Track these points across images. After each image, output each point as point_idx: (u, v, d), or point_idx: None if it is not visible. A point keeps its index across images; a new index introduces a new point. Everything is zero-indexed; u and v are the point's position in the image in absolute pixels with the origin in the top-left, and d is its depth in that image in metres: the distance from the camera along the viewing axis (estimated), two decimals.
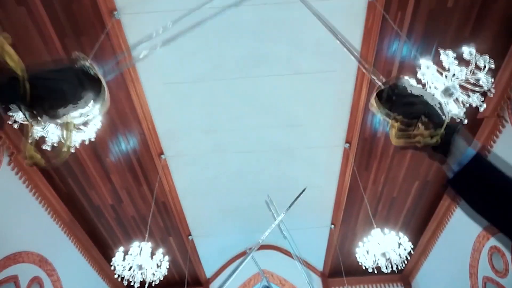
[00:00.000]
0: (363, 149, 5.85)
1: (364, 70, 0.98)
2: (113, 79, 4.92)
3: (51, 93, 0.65)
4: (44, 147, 2.97)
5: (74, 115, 0.72)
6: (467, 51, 2.80)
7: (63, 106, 0.67)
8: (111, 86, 4.98)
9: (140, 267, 4.86)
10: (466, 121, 2.92)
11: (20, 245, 5.46)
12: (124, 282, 5.21)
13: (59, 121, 0.67)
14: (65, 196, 6.21)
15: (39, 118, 0.64)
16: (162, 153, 5.92)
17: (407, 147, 0.79)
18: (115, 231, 7.00)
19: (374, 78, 0.91)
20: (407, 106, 0.78)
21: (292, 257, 9.03)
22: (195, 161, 6.07)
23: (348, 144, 5.91)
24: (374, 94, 0.80)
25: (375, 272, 5.23)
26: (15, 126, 2.92)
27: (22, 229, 5.52)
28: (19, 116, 3.04)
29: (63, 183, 6.00)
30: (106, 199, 6.47)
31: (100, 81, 0.71)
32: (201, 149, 5.99)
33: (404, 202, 6.83)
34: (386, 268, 4.89)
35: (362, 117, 5.36)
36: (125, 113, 5.29)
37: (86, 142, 3.23)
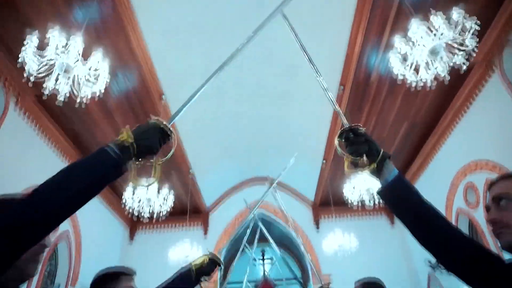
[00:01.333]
0: (357, 92, 6.09)
1: (338, 112, 1.22)
2: (112, 25, 4.94)
3: (147, 149, 1.04)
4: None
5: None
6: (456, 12, 2.94)
7: (154, 156, 1.06)
8: (110, 33, 5.01)
9: (148, 201, 5.37)
10: (448, 79, 3.16)
11: (35, 181, 5.89)
12: (134, 214, 5.78)
13: (151, 160, 1.06)
14: (72, 136, 6.53)
15: (139, 164, 1.00)
16: (162, 95, 6.12)
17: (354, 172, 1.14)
18: None
19: (345, 119, 1.19)
20: (357, 144, 1.12)
21: (285, 190, 9.73)
22: (195, 104, 6.27)
23: (342, 87, 6.13)
24: (338, 134, 1.13)
25: (359, 206, 5.81)
26: (31, 80, 3.09)
27: (34, 167, 5.89)
28: (32, 69, 3.21)
29: (69, 123, 6.28)
30: (112, 138, 6.80)
31: (170, 132, 1.10)
32: (201, 93, 6.17)
33: (393, 142, 7.26)
34: (369, 203, 5.45)
35: (357, 61, 5.51)
36: (125, 57, 5.38)
37: (97, 95, 3.44)
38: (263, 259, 11.50)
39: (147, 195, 5.33)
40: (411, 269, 8.61)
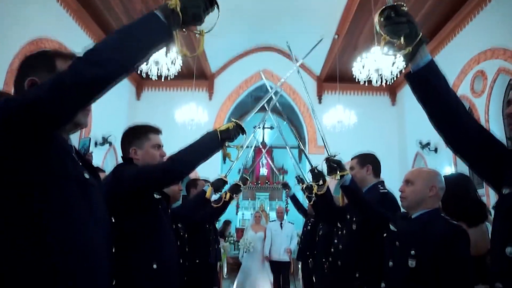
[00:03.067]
0: None
1: None
2: None
3: (194, 17, 1.00)
4: None
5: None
6: None
7: (199, 23, 1.03)
8: None
9: (156, 63, 5.35)
10: None
11: (37, 31, 5.70)
12: (142, 75, 5.79)
13: (197, 28, 1.06)
14: None
15: (184, 30, 1.01)
16: None
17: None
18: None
19: None
20: (398, 24, 1.05)
21: (291, 60, 9.58)
22: None
23: None
24: (379, 11, 1.05)
25: (366, 84, 5.84)
26: None
27: (37, 18, 5.64)
28: None
29: None
30: None
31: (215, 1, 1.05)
32: None
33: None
34: (376, 82, 5.46)
35: None
36: None
37: None
38: (263, 127, 12.07)
39: (155, 57, 5.25)
40: (402, 146, 9.18)
